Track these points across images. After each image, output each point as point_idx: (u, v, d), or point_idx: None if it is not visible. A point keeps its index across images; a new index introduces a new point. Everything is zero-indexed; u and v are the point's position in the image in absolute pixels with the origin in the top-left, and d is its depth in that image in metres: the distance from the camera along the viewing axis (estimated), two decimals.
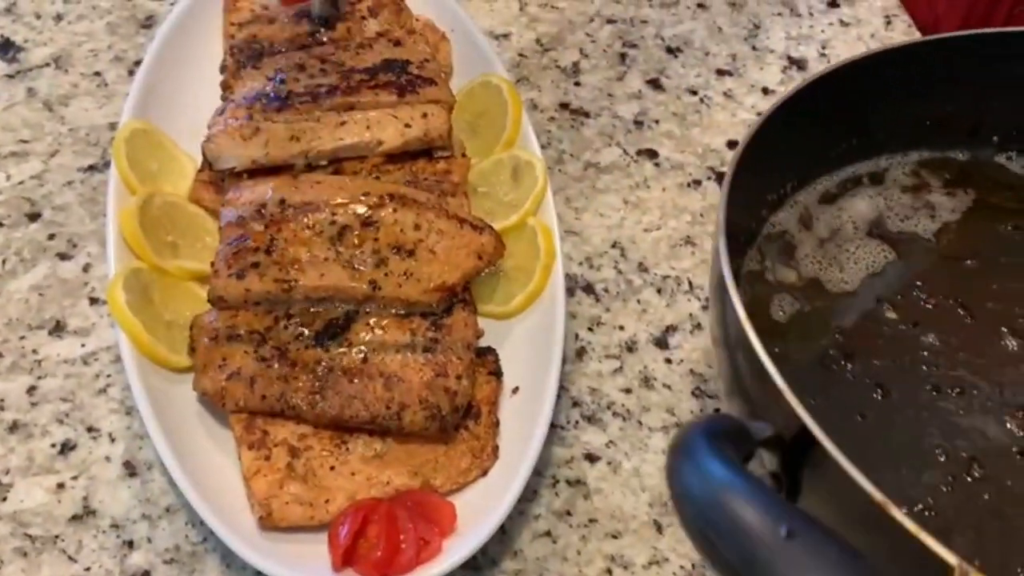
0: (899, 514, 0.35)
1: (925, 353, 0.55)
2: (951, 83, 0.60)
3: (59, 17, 0.88)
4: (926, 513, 0.48)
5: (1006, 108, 0.62)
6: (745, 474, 0.35)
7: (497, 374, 0.63)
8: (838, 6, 0.95)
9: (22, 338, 0.68)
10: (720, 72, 0.88)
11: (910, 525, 0.34)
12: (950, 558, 0.33)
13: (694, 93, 0.86)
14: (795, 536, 0.32)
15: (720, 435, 0.37)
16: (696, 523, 0.35)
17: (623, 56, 0.89)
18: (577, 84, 0.86)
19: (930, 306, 0.57)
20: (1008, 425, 0.51)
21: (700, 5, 0.94)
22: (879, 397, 0.52)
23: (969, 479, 0.49)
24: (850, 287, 0.58)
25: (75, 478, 0.61)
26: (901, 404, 0.52)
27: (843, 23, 0.93)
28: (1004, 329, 0.56)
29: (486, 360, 0.64)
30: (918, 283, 0.58)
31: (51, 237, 0.73)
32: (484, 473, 0.60)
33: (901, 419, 0.52)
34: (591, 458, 0.64)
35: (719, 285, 0.46)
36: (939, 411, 0.52)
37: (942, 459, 0.50)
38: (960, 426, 0.51)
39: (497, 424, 0.62)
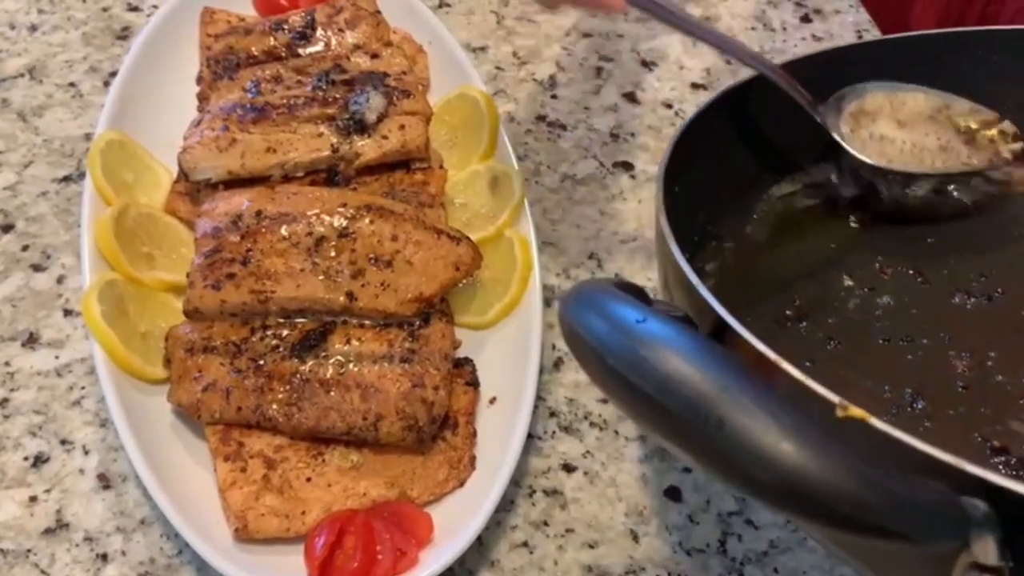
0: (789, 366, 0.39)
1: (879, 312, 0.57)
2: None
3: (34, 28, 0.88)
4: None
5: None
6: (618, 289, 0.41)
7: (474, 384, 0.63)
8: (811, 21, 0.96)
9: None
10: (695, 86, 0.89)
11: (798, 375, 0.38)
12: (832, 397, 0.37)
13: (669, 107, 0.87)
14: (647, 321, 0.38)
15: (617, 283, 0.43)
16: (569, 318, 0.40)
17: (599, 70, 0.89)
18: (554, 97, 0.87)
19: (887, 275, 0.59)
20: (954, 364, 0.53)
21: None
22: (831, 347, 0.55)
23: (911, 410, 0.51)
24: (808, 259, 0.60)
25: (48, 491, 0.61)
26: (851, 352, 0.54)
27: (816, 38, 0.94)
28: (957, 290, 0.58)
29: (463, 370, 0.64)
30: (880, 258, 0.60)
31: (25, 248, 0.73)
32: (461, 484, 0.60)
33: (850, 364, 0.54)
34: (568, 468, 0.64)
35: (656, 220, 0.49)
36: (887, 356, 0.54)
37: (887, 395, 0.52)
38: (906, 367, 0.53)
39: (474, 434, 0.62)
